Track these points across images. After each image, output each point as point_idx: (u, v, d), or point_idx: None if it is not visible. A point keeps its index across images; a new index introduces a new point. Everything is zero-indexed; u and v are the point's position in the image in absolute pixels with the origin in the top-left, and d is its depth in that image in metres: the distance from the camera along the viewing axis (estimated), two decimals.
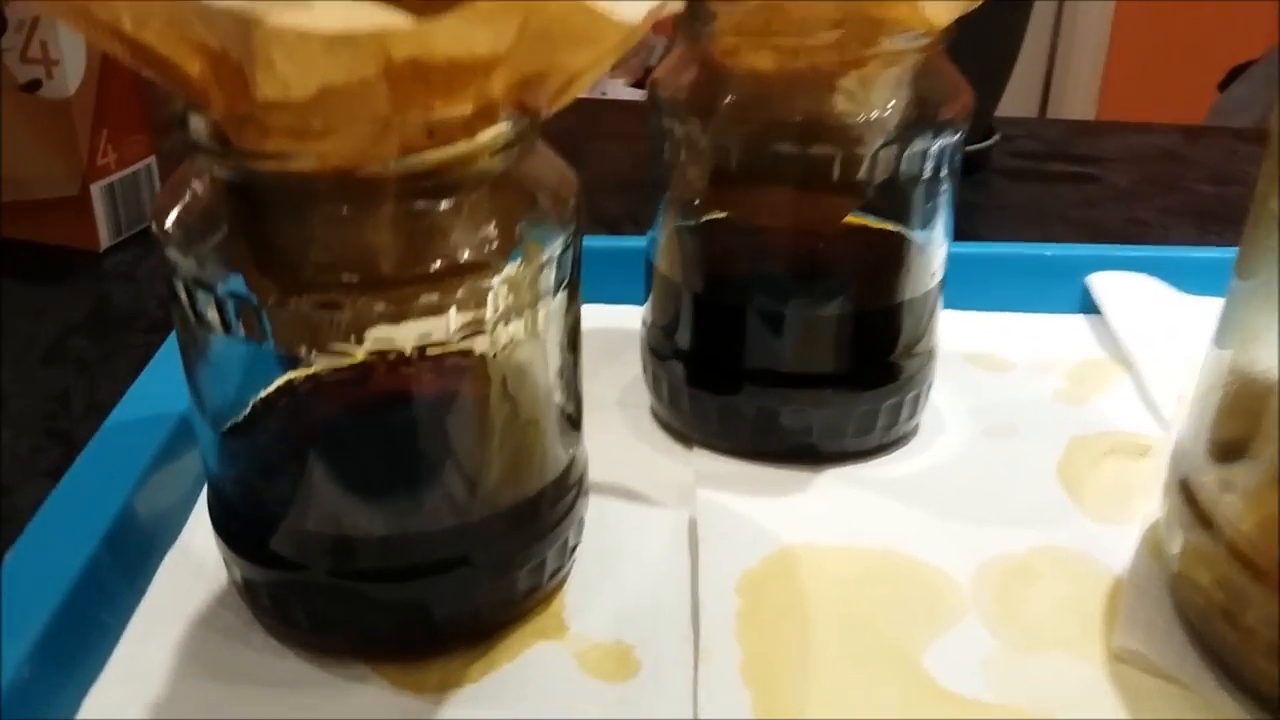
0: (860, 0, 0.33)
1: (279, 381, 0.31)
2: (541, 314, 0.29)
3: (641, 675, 0.31)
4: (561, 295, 0.29)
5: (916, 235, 0.38)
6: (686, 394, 0.40)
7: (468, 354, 0.28)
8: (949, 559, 0.35)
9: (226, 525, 0.32)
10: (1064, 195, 0.68)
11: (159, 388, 0.40)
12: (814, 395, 0.38)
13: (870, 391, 0.39)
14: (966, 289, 0.48)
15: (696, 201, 0.40)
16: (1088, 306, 0.51)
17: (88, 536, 0.32)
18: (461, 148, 0.26)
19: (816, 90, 0.35)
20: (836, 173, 0.36)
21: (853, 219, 0.39)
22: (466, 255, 0.26)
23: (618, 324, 0.48)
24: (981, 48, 0.41)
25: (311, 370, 0.30)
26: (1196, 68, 2.09)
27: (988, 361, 0.47)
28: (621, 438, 0.42)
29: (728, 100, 0.36)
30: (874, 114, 0.35)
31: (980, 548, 0.35)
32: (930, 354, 0.40)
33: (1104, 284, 0.51)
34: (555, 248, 0.28)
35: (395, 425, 0.30)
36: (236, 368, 0.30)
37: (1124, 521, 0.36)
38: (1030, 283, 0.52)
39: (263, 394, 0.31)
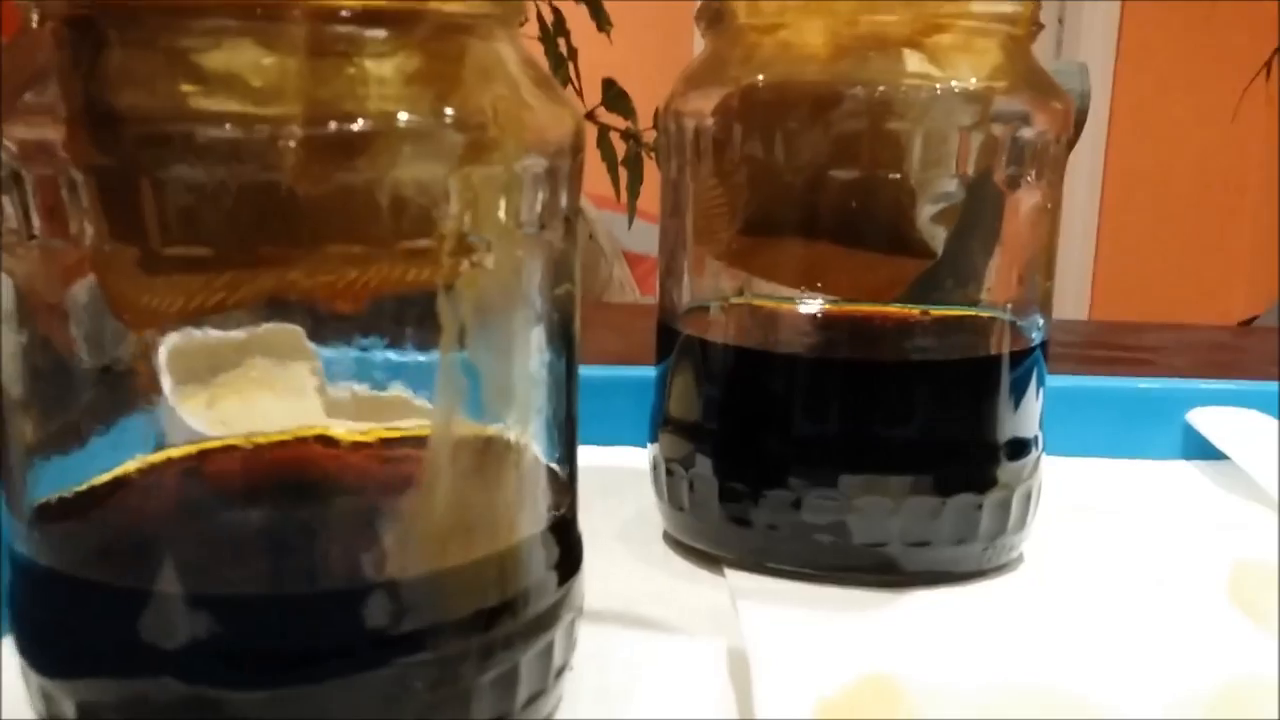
0: None
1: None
2: (519, 250, 0.19)
3: None
4: (548, 234, 0.20)
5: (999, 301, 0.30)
6: (717, 493, 0.29)
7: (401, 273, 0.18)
8: (1124, 696, 0.23)
9: (30, 626, 0.20)
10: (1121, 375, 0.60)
11: None
12: (890, 485, 0.28)
13: (966, 488, 0.28)
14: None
15: (725, 264, 0.31)
16: (1189, 450, 0.42)
17: None
18: None
19: (880, 61, 0.27)
20: (907, 172, 0.28)
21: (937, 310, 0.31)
22: (406, 116, 0.17)
23: (612, 463, 0.38)
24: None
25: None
26: (1184, 266, 2.09)
27: (1088, 507, 0.37)
28: (626, 567, 0.31)
29: (763, 82, 0.28)
30: (953, 83, 0.27)
31: (1161, 682, 0.24)
32: (1037, 444, 0.30)
33: (1211, 421, 0.41)
34: (537, 161, 0.19)
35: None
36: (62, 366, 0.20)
37: None
38: (1119, 421, 0.42)
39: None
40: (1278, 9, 1.57)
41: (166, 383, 0.21)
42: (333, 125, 0.17)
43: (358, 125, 0.17)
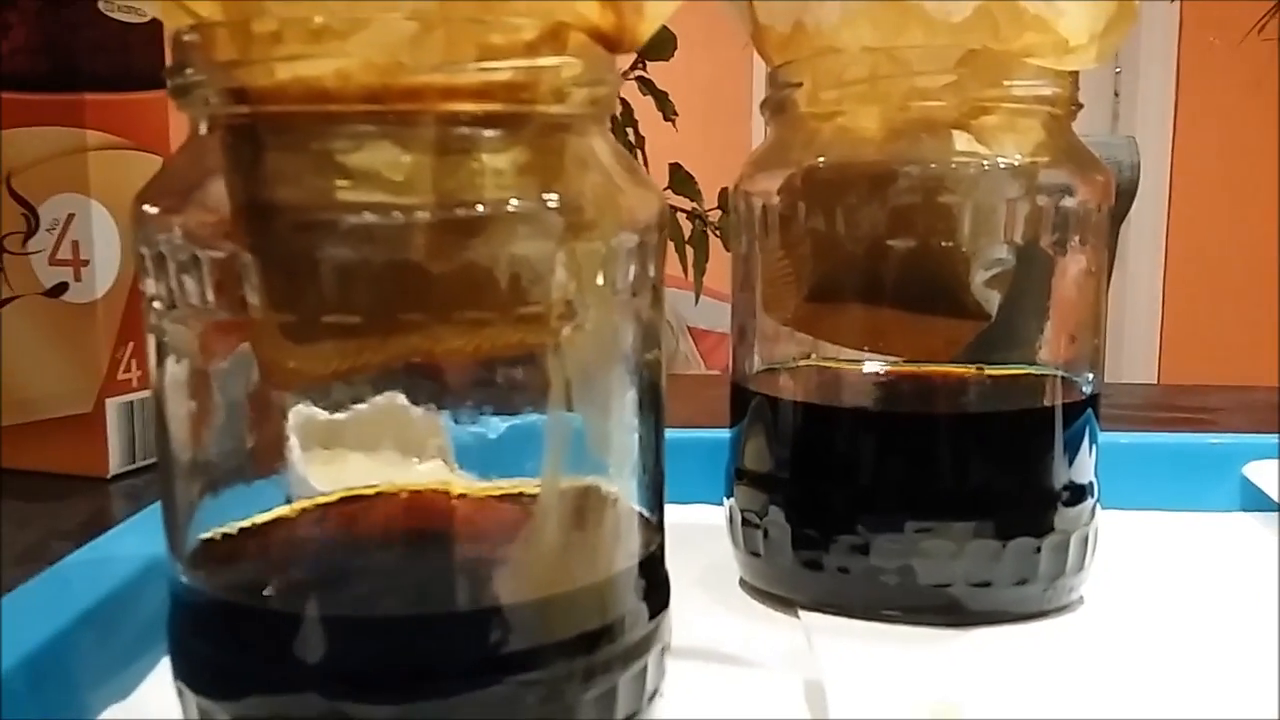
0: (981, 31, 0.29)
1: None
2: (615, 314, 0.22)
3: None
4: (639, 301, 0.23)
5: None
6: (790, 540, 0.31)
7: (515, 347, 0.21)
8: None
9: (189, 652, 0.23)
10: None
11: (130, 540, 0.32)
12: (953, 530, 0.30)
13: (1024, 532, 0.30)
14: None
15: (792, 329, 0.34)
16: (1247, 503, 0.43)
17: None
18: (520, 70, 0.20)
19: (930, 142, 0.30)
20: (959, 241, 0.30)
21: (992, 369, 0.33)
22: (517, 202, 0.20)
23: (687, 519, 0.40)
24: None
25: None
26: (1249, 329, 2.07)
27: (1148, 555, 0.38)
28: (706, 611, 0.33)
29: (824, 163, 0.31)
30: (999, 159, 0.29)
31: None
32: (1092, 491, 0.32)
33: (1267, 474, 0.43)
34: (630, 237, 0.22)
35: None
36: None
37: None
38: (1178, 476, 0.44)
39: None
40: None
41: (295, 451, 0.24)
42: (458, 211, 0.20)
43: (478, 210, 0.20)
